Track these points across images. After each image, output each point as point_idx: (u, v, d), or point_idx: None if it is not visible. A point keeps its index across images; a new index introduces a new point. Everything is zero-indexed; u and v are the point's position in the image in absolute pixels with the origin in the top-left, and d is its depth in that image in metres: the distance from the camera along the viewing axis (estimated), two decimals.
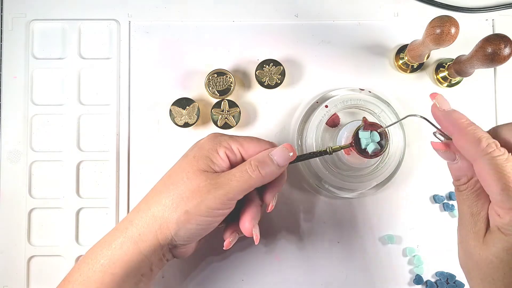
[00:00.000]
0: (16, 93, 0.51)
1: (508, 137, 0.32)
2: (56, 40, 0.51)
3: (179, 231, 0.37)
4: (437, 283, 0.50)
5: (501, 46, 0.40)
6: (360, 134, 0.43)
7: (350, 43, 0.52)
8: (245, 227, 0.40)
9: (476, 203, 0.33)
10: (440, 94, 0.36)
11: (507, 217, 0.30)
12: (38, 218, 0.50)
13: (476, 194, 0.33)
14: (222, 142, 0.39)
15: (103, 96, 0.51)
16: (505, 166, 0.30)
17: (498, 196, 0.30)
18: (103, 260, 0.38)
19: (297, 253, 0.50)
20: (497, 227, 0.31)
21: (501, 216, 0.31)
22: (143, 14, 0.52)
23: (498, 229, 0.31)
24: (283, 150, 0.39)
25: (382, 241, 0.50)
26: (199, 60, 0.51)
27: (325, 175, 0.48)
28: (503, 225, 0.30)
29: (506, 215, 0.30)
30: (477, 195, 0.33)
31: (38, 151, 0.50)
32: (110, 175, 0.50)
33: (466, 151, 0.32)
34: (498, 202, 0.30)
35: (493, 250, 0.31)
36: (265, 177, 0.38)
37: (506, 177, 0.30)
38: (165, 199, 0.37)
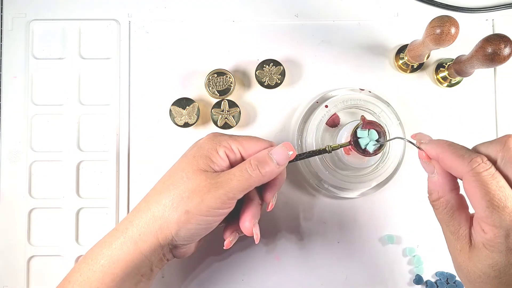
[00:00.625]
0: (16, 93, 0.51)
1: (486, 153, 0.32)
2: (56, 40, 0.51)
3: (180, 231, 0.37)
4: (437, 283, 0.50)
5: (501, 46, 0.40)
6: (358, 133, 0.43)
7: (350, 43, 0.52)
8: (245, 226, 0.40)
9: (452, 222, 0.34)
10: (420, 132, 0.37)
11: (491, 233, 0.30)
12: (38, 218, 0.50)
13: (450, 214, 0.34)
14: (221, 141, 0.39)
15: (103, 96, 0.51)
16: (490, 183, 0.30)
17: (483, 212, 0.30)
18: (103, 260, 0.38)
19: (297, 253, 0.50)
20: (482, 243, 0.31)
21: (485, 232, 0.31)
22: (143, 14, 0.52)
23: (483, 245, 0.31)
24: (282, 149, 0.39)
25: (382, 241, 0.50)
26: (199, 60, 0.51)
27: (325, 175, 0.48)
28: (487, 241, 0.31)
29: (490, 232, 0.30)
30: (451, 214, 0.34)
31: (38, 151, 0.50)
32: (110, 175, 0.50)
33: (453, 170, 0.33)
34: (484, 218, 0.31)
35: (479, 266, 0.32)
36: (265, 176, 0.38)
37: (491, 194, 0.30)
38: (165, 199, 0.37)
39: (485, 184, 0.30)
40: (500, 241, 0.30)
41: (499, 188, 0.30)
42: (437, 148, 0.34)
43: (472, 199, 0.31)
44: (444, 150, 0.33)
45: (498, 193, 0.30)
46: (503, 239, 0.30)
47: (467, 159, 0.31)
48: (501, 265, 0.31)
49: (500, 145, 0.31)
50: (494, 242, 0.30)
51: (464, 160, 0.31)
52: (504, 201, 0.29)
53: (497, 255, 0.31)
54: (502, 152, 0.31)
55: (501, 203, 0.29)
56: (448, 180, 0.34)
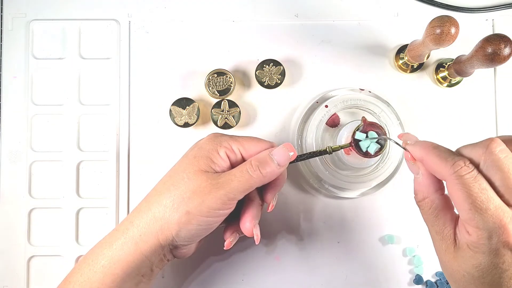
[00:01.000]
0: (16, 93, 0.51)
1: (469, 156, 0.32)
2: (56, 40, 0.51)
3: (180, 231, 0.37)
4: (437, 283, 0.50)
5: (501, 46, 0.40)
6: (357, 135, 0.43)
7: (350, 43, 0.52)
8: (245, 227, 0.40)
9: (437, 222, 0.34)
10: (406, 133, 0.38)
11: (475, 235, 0.31)
12: (38, 218, 0.50)
13: (434, 214, 0.35)
14: (222, 142, 0.39)
15: (103, 96, 0.51)
16: (472, 186, 0.30)
17: (466, 214, 0.31)
18: (103, 261, 0.38)
19: (297, 253, 0.50)
20: (466, 244, 0.32)
21: (469, 233, 0.31)
22: (143, 14, 0.52)
23: (467, 246, 0.32)
24: (283, 149, 0.39)
25: (382, 241, 0.50)
26: (199, 60, 0.51)
27: (325, 175, 0.48)
28: (471, 243, 0.31)
29: (474, 233, 0.31)
30: (436, 215, 0.34)
31: (38, 151, 0.50)
32: (110, 175, 0.50)
33: (437, 172, 0.33)
34: (467, 220, 0.31)
35: (463, 267, 0.32)
36: (265, 177, 0.38)
37: (473, 196, 0.30)
38: (166, 199, 0.37)
39: (467, 187, 0.30)
40: (483, 242, 0.30)
41: (481, 190, 0.30)
42: (422, 150, 0.34)
43: (455, 201, 0.32)
44: (428, 153, 0.34)
45: (480, 196, 0.30)
46: (486, 241, 0.30)
47: (450, 162, 0.32)
48: (484, 265, 0.31)
49: (483, 148, 0.31)
50: (478, 244, 0.31)
51: (447, 163, 0.32)
52: (486, 203, 0.30)
53: (480, 256, 0.31)
54: (484, 156, 0.31)
55: (483, 205, 0.30)
56: (432, 181, 0.35)
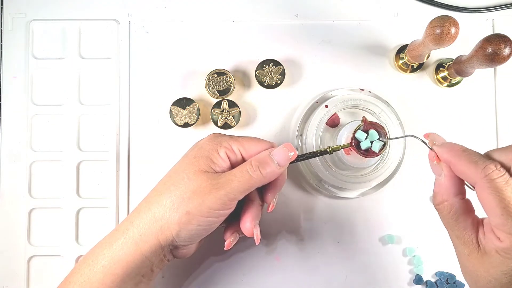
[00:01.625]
0: (16, 93, 0.51)
1: (500, 160, 0.31)
2: (56, 40, 0.51)
3: (180, 232, 0.37)
4: (437, 283, 0.50)
5: (501, 46, 0.40)
6: (357, 134, 0.43)
7: (350, 43, 0.52)
8: (245, 227, 0.40)
9: (457, 226, 0.34)
10: (433, 132, 0.37)
11: (507, 241, 0.30)
12: (38, 218, 0.50)
13: (454, 218, 0.34)
14: (222, 142, 0.39)
15: (103, 96, 0.51)
16: (504, 190, 0.30)
17: (498, 219, 0.30)
18: (103, 261, 0.38)
19: (297, 253, 0.50)
20: (495, 250, 0.31)
21: (501, 240, 0.30)
22: (143, 14, 0.52)
23: (496, 251, 0.31)
24: (283, 150, 0.39)
25: (382, 241, 0.50)
26: (199, 60, 0.51)
27: (325, 175, 0.48)
28: (502, 249, 0.30)
29: (507, 239, 0.30)
30: (456, 219, 0.34)
31: (38, 151, 0.50)
32: (110, 175, 0.50)
33: (466, 176, 0.33)
34: (499, 225, 0.30)
35: (491, 272, 0.32)
36: (266, 177, 0.38)
37: (506, 201, 0.29)
38: (166, 199, 0.37)
39: (499, 191, 0.30)
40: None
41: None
42: (450, 152, 0.34)
43: (486, 206, 0.31)
44: (458, 155, 0.33)
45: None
46: None
47: (480, 166, 0.31)
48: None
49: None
50: (509, 250, 0.30)
51: (477, 167, 0.31)
52: None
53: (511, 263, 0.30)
54: None
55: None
56: (454, 184, 0.34)
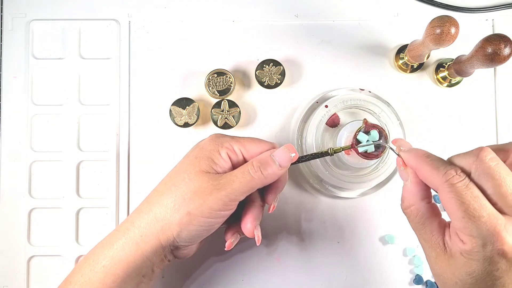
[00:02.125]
0: (16, 93, 0.51)
1: (461, 165, 0.32)
2: (56, 40, 0.51)
3: (181, 232, 0.37)
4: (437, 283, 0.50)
5: (501, 46, 0.40)
6: (360, 136, 0.43)
7: (350, 43, 0.52)
8: (246, 228, 0.40)
9: (424, 230, 0.35)
10: (400, 138, 0.38)
11: (469, 243, 0.31)
12: (38, 218, 0.50)
13: (421, 222, 0.35)
14: (224, 143, 0.39)
15: (103, 96, 0.51)
16: (464, 194, 0.30)
17: (460, 223, 0.31)
18: (104, 261, 0.38)
19: (297, 253, 0.50)
20: (459, 252, 0.32)
21: (464, 242, 0.31)
22: (143, 14, 0.52)
23: (461, 254, 0.32)
24: (285, 151, 0.39)
25: (382, 241, 0.51)
26: (199, 60, 0.51)
27: (325, 175, 0.48)
28: (465, 251, 0.31)
29: (468, 241, 0.31)
30: (422, 223, 0.35)
31: (38, 151, 0.50)
32: (110, 175, 0.50)
33: (429, 181, 0.34)
34: (461, 228, 0.31)
35: (456, 274, 0.32)
36: (267, 178, 0.38)
37: (466, 204, 0.30)
38: (167, 200, 0.37)
39: (459, 195, 0.30)
40: (477, 250, 0.30)
41: (473, 198, 0.30)
42: (415, 158, 0.35)
43: (448, 210, 0.32)
44: (421, 161, 0.34)
45: (473, 203, 0.30)
46: (480, 248, 0.30)
47: (442, 171, 0.32)
48: (478, 273, 0.31)
49: (473, 157, 0.31)
50: (472, 252, 0.31)
51: (439, 172, 0.32)
52: (479, 211, 0.30)
53: (474, 264, 0.31)
54: (475, 164, 0.31)
55: (476, 213, 0.30)
56: (420, 189, 0.35)
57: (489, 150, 0.31)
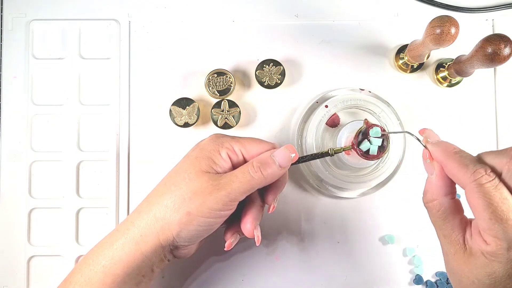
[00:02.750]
0: (16, 93, 0.51)
1: (492, 164, 0.31)
2: (56, 40, 0.51)
3: (181, 232, 0.37)
4: (437, 283, 0.50)
5: (501, 46, 0.40)
6: (372, 133, 0.42)
7: (350, 43, 0.52)
8: (246, 228, 0.40)
9: (445, 225, 0.34)
10: (429, 129, 0.37)
11: (494, 245, 0.30)
12: (38, 218, 0.50)
13: (443, 218, 0.34)
14: (224, 143, 0.39)
15: (103, 96, 0.51)
16: (493, 195, 0.30)
17: (486, 223, 0.30)
18: (104, 261, 0.38)
19: (297, 253, 0.50)
20: (481, 252, 0.31)
21: (488, 243, 0.31)
22: (143, 14, 0.52)
23: (482, 254, 0.31)
24: (285, 151, 0.39)
25: (382, 241, 0.50)
26: (199, 60, 0.51)
27: (325, 175, 0.48)
28: (488, 252, 0.31)
29: (493, 243, 0.30)
30: (444, 218, 0.34)
31: (38, 151, 0.50)
32: (110, 175, 0.50)
33: (456, 178, 0.33)
34: (486, 229, 0.30)
35: (474, 273, 0.32)
36: (267, 178, 0.38)
37: (493, 206, 0.30)
38: (167, 200, 0.37)
39: (488, 196, 0.30)
40: (501, 252, 0.30)
41: (502, 200, 0.30)
42: (443, 152, 0.34)
43: (474, 209, 0.31)
44: (450, 156, 0.33)
45: (501, 205, 0.29)
46: (505, 251, 0.30)
47: (471, 170, 0.31)
48: (498, 274, 0.31)
49: (507, 157, 0.31)
50: (495, 254, 0.30)
51: (467, 170, 0.31)
52: (507, 213, 0.29)
53: (496, 265, 0.31)
54: (508, 165, 0.30)
55: (504, 215, 0.29)
56: (445, 184, 0.34)
57: None
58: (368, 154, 0.43)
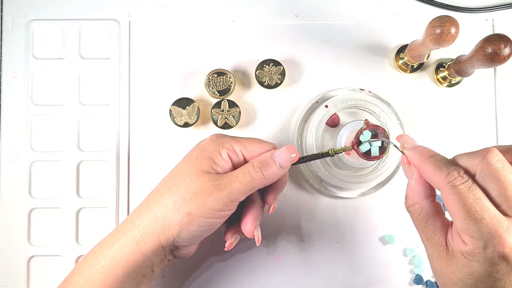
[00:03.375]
0: (16, 93, 0.51)
1: (466, 166, 0.32)
2: (56, 40, 0.51)
3: (181, 232, 0.37)
4: (437, 283, 0.50)
5: (501, 46, 0.40)
6: (362, 138, 0.42)
7: (350, 43, 0.52)
8: (246, 228, 0.40)
9: (427, 228, 0.35)
10: (405, 135, 0.38)
11: (470, 244, 0.31)
12: (38, 218, 0.50)
13: (424, 220, 0.35)
14: (224, 143, 0.39)
15: (103, 96, 0.51)
16: (466, 196, 0.30)
17: (462, 224, 0.31)
18: (104, 261, 0.38)
19: (297, 253, 0.50)
20: (460, 253, 0.32)
21: (466, 243, 0.31)
22: (143, 14, 0.52)
23: (462, 254, 0.32)
24: (285, 151, 0.39)
25: (382, 241, 0.51)
26: (199, 60, 0.51)
27: (325, 175, 0.48)
28: (466, 252, 0.31)
29: (470, 243, 0.31)
30: (426, 221, 0.35)
31: (38, 151, 0.50)
32: (110, 175, 0.50)
33: (432, 181, 0.33)
34: (462, 229, 0.31)
35: (456, 274, 0.32)
36: (267, 179, 0.38)
37: (467, 206, 0.30)
38: (167, 200, 0.37)
39: (462, 197, 0.30)
40: (478, 251, 0.30)
41: (475, 200, 0.30)
42: (419, 157, 0.34)
43: (450, 211, 0.32)
44: (425, 160, 0.34)
45: (475, 205, 0.30)
46: (481, 250, 0.30)
47: (444, 172, 0.32)
48: (478, 273, 0.31)
49: (479, 158, 0.31)
50: (473, 253, 0.31)
51: (442, 173, 0.32)
52: (481, 213, 0.30)
53: (475, 265, 0.31)
54: (481, 165, 0.31)
55: (478, 215, 0.30)
56: (424, 188, 0.35)
57: (496, 151, 0.31)
58: (368, 154, 0.43)
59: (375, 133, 0.43)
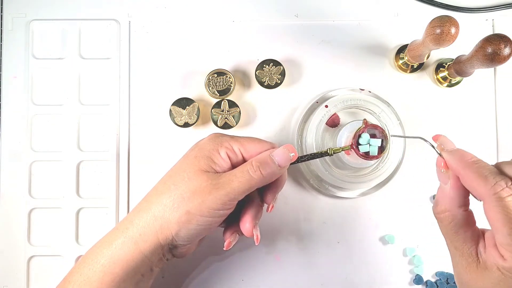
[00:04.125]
0: (16, 93, 0.51)
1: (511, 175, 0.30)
2: (56, 40, 0.51)
3: (180, 231, 0.37)
4: (437, 283, 0.50)
5: (501, 46, 0.40)
6: (362, 138, 0.42)
7: (350, 43, 0.52)
8: (245, 227, 0.40)
9: (456, 238, 0.33)
10: (443, 136, 0.35)
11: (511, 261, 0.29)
12: (38, 218, 0.50)
13: (455, 230, 0.33)
14: (223, 142, 0.39)
15: (103, 96, 0.51)
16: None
17: (504, 239, 0.29)
18: (103, 260, 0.38)
19: (297, 253, 0.50)
20: (496, 267, 0.30)
21: (505, 258, 0.29)
22: (143, 14, 0.52)
23: (498, 268, 0.30)
24: (284, 151, 0.39)
25: (382, 241, 0.50)
26: (199, 60, 0.51)
27: (325, 175, 0.48)
28: (505, 268, 0.30)
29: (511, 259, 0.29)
30: (456, 230, 0.33)
31: (38, 151, 0.50)
32: (110, 175, 0.50)
33: (474, 190, 0.31)
34: (504, 245, 0.29)
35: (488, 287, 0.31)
36: (266, 178, 0.38)
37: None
38: (166, 199, 0.37)
39: (508, 210, 0.28)
40: None
41: None
42: (460, 162, 0.32)
43: (492, 223, 0.30)
44: (467, 166, 0.31)
45: None
46: None
47: (490, 182, 0.29)
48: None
49: None
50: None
51: (487, 182, 0.30)
52: None
53: None
54: None
55: None
56: (460, 195, 0.33)
57: None
58: (367, 153, 0.43)
59: (373, 133, 0.43)
